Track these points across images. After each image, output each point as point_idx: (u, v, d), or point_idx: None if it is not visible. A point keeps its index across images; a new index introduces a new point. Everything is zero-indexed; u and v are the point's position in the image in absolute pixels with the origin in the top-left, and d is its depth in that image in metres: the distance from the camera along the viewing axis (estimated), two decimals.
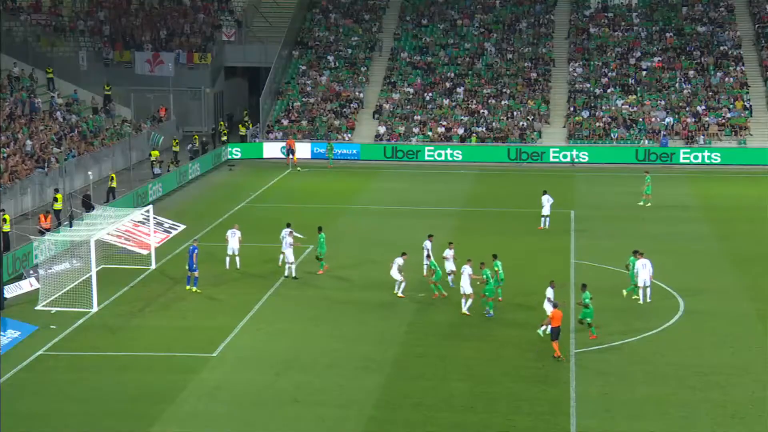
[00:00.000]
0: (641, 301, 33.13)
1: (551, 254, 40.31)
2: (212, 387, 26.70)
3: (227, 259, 37.71)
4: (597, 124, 64.97)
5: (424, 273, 35.59)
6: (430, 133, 64.97)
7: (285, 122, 66.37)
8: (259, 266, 37.77)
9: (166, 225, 44.29)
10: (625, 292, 33.70)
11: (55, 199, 44.69)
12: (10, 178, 46.27)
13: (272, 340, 30.51)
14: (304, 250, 39.40)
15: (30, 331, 30.98)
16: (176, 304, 33.94)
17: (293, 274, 36.40)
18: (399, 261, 34.16)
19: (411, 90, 68.69)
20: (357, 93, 68.80)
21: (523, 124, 65.21)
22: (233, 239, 37.58)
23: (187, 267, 35.14)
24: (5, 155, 48.13)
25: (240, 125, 66.49)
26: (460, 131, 64.92)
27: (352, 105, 67.90)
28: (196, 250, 35.06)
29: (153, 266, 38.17)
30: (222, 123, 66.36)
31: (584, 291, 30.39)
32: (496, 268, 33.37)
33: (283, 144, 62.91)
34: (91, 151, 54.92)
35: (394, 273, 34.07)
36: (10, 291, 34.59)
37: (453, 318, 32.35)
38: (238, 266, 37.56)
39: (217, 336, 30.49)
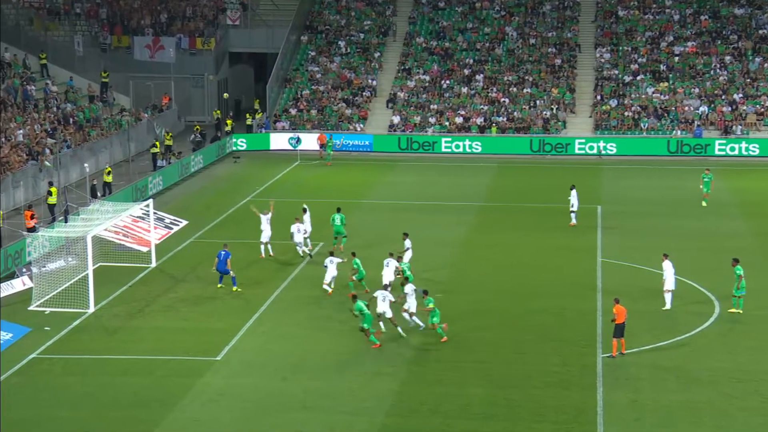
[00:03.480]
0: (667, 307, 32.85)
1: (576, 252, 40.22)
2: (216, 392, 26.76)
3: (262, 247, 38.51)
4: (626, 113, 64.75)
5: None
6: (447, 124, 64.90)
7: (293, 111, 66.45)
8: (266, 264, 37.81)
9: (167, 220, 44.42)
10: (734, 309, 32.76)
11: (50, 193, 44.87)
12: (2, 171, 46.46)
13: (279, 343, 30.54)
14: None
15: (22, 333, 31.11)
16: (178, 305, 34.01)
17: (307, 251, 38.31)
18: (336, 260, 34.72)
19: (427, 77, 68.60)
20: (369, 81, 68.78)
21: (546, 114, 65.05)
22: (268, 226, 38.36)
23: (216, 269, 34.86)
24: None
25: (248, 114, 66.58)
26: (480, 121, 64.83)
27: (364, 93, 67.88)
28: (229, 256, 34.80)
29: (153, 264, 38.28)
30: (218, 111, 66.35)
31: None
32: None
33: (292, 134, 62.97)
34: (87, 142, 55.12)
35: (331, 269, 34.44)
36: (2, 290, 34.75)
37: (471, 321, 32.31)
38: (272, 254, 38.52)
39: (221, 338, 30.55)
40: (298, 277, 36.85)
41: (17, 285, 35.56)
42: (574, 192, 44.16)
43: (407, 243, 36.62)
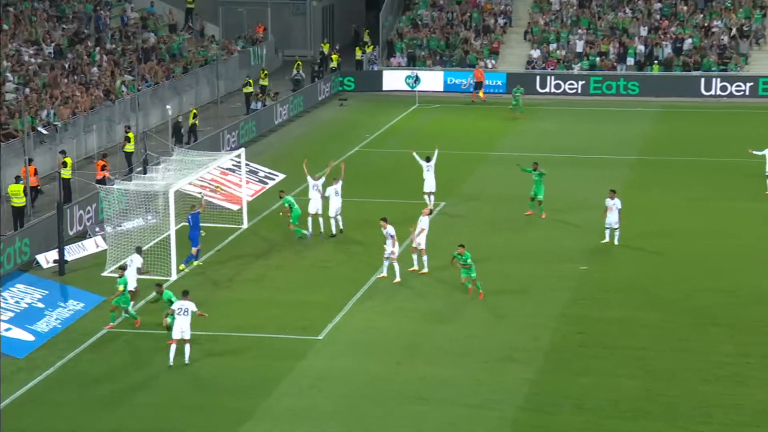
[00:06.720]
0: None
1: (758, 219, 39.73)
2: (317, 377, 27.11)
3: (309, 219, 38.30)
4: None
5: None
6: (597, 59, 63.96)
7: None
8: (375, 228, 38.00)
9: (261, 174, 44.99)
10: None
11: (127, 139, 45.93)
12: (73, 113, 47.74)
13: (391, 321, 30.72)
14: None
15: (96, 303, 32.02)
16: (273, 273, 34.50)
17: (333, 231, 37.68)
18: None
19: (574, 1, 67.63)
20: (503, 6, 68.17)
21: (723, 45, 63.52)
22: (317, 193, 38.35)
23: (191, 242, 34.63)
24: (66, 83, 49.68)
25: (357, 48, 66.76)
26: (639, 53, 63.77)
27: (497, 22, 67.34)
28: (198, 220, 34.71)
29: (245, 225, 38.89)
30: (326, 45, 66.66)
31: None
32: None
33: (410, 72, 62.87)
34: (170, 80, 56.15)
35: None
36: (72, 252, 35.78)
37: (624, 299, 31.96)
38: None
39: (323, 314, 30.89)
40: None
41: (89, 246, 36.58)
42: None
43: (616, 203, 36.06)
